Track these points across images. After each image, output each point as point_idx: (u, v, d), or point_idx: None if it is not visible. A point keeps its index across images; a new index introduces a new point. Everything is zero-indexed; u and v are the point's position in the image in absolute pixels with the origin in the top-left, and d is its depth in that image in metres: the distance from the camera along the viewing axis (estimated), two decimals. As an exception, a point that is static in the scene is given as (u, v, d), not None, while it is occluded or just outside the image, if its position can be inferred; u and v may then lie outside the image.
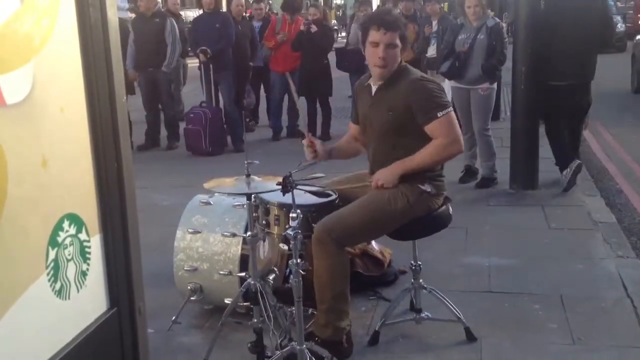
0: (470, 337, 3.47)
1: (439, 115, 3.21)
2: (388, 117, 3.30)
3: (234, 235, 3.57)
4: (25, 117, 1.55)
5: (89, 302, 1.79)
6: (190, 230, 3.66)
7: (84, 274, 1.76)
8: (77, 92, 1.76)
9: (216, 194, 3.73)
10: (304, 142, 3.52)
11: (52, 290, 1.64)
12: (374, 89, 3.40)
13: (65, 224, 1.69)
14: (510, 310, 3.82)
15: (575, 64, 5.85)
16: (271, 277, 3.32)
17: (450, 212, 3.46)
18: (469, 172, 6.45)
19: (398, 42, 3.28)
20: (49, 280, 1.63)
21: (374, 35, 3.26)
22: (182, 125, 8.55)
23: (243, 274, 3.46)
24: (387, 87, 3.33)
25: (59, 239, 1.67)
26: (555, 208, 5.62)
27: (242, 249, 3.56)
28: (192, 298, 3.65)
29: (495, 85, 6.20)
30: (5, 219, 1.47)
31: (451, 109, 3.31)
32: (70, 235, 1.71)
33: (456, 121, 3.33)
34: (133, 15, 9.78)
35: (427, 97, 3.24)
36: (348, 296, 3.29)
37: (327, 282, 3.19)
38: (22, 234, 1.54)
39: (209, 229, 3.64)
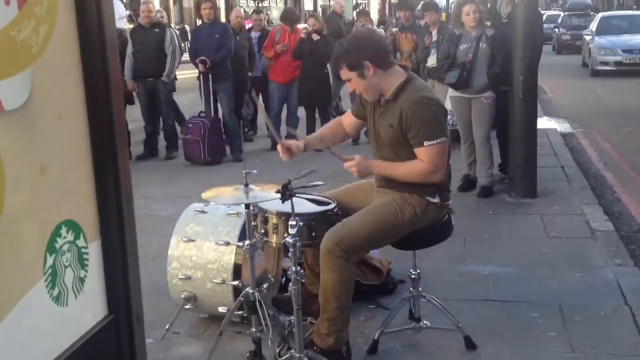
0: (470, 346, 3.46)
1: (425, 144, 3.17)
2: (389, 131, 3.30)
3: (227, 243, 3.57)
4: (24, 123, 1.56)
5: (87, 309, 1.79)
6: (184, 238, 3.66)
7: (81, 280, 1.76)
8: (76, 99, 1.77)
9: (211, 203, 3.72)
10: (279, 150, 3.48)
11: (50, 296, 1.64)
12: (382, 99, 3.36)
13: (63, 231, 1.70)
14: (509, 319, 3.81)
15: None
16: (265, 285, 3.32)
17: (452, 223, 3.47)
18: (468, 181, 6.46)
19: (348, 74, 3.28)
20: (46, 286, 1.63)
21: None
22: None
23: (236, 282, 3.47)
24: (391, 101, 3.29)
25: (57, 245, 1.67)
26: (554, 217, 5.62)
27: (235, 257, 3.55)
28: (186, 307, 3.64)
29: (495, 94, 6.20)
30: (3, 225, 1.48)
31: (444, 138, 3.21)
32: (68, 242, 1.71)
33: (446, 151, 3.26)
34: (130, 26, 9.80)
35: (420, 122, 3.18)
36: (350, 306, 3.29)
37: (334, 293, 3.17)
38: (20, 240, 1.55)
39: (202, 238, 3.64)
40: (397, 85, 3.27)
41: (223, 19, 13.46)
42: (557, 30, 26.03)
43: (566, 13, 28.07)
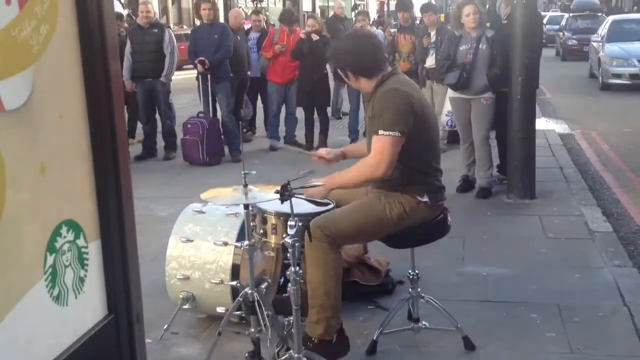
0: (469, 347, 3.47)
1: (379, 132, 3.16)
2: (372, 124, 3.32)
3: (225, 244, 3.57)
4: (24, 122, 1.56)
5: (87, 309, 1.79)
6: (182, 239, 3.66)
7: (81, 280, 1.76)
8: (77, 99, 1.76)
9: (210, 203, 3.72)
10: (313, 157, 3.62)
11: (50, 296, 1.64)
12: (367, 94, 3.45)
13: (64, 230, 1.69)
14: (508, 320, 3.82)
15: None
16: (263, 285, 3.32)
17: (449, 222, 3.47)
18: (467, 182, 6.47)
19: (341, 74, 3.46)
20: (46, 286, 1.63)
21: None
22: (180, 136, 8.56)
23: (234, 282, 3.47)
24: (372, 95, 3.35)
25: (57, 245, 1.67)
26: (553, 217, 5.63)
27: (233, 258, 3.55)
28: (184, 307, 3.64)
29: (495, 95, 6.21)
30: (4, 225, 1.47)
31: (399, 134, 3.12)
32: (69, 242, 1.71)
33: (398, 148, 3.16)
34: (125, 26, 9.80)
35: (383, 109, 3.20)
36: (340, 294, 3.29)
37: (320, 279, 3.19)
38: (20, 240, 1.54)
39: (201, 238, 3.64)
40: (376, 81, 3.31)
41: (221, 20, 13.44)
42: (561, 34, 24.04)
43: (571, 15, 25.47)
